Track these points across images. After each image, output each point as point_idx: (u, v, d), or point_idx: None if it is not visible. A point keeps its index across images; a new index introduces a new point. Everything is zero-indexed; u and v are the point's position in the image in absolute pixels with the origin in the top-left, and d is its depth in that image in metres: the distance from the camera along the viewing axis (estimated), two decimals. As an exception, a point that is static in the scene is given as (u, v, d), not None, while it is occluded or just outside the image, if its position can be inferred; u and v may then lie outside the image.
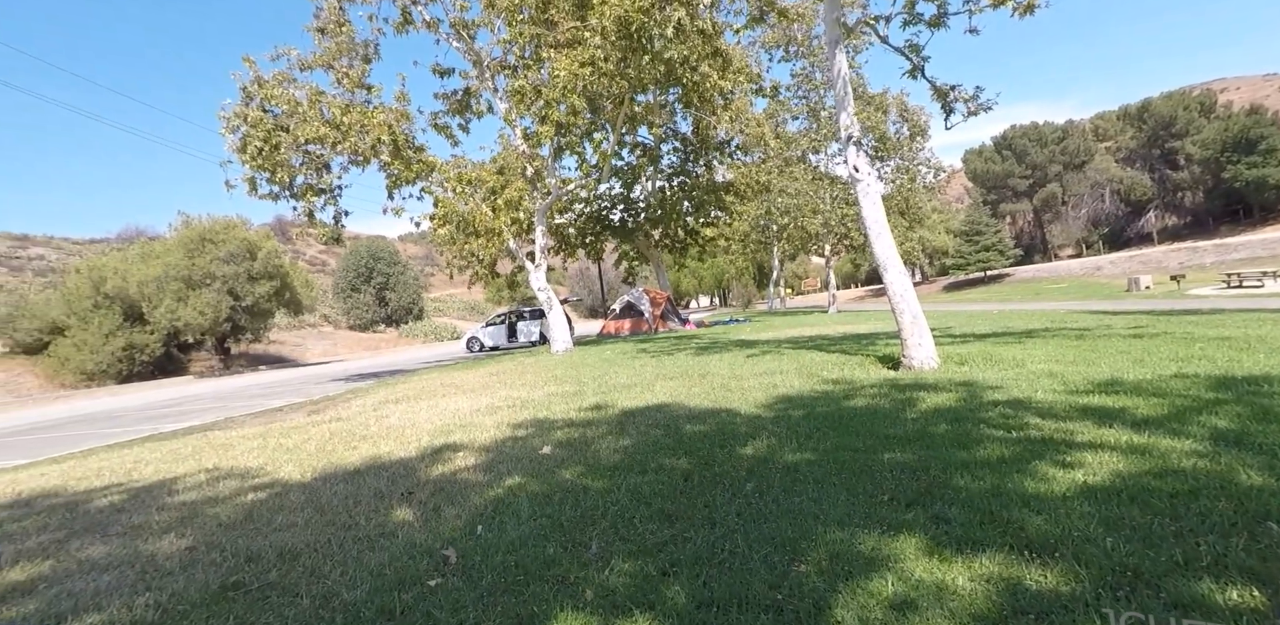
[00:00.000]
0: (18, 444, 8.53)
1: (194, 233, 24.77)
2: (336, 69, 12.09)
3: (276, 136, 11.40)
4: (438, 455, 3.84)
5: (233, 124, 11.52)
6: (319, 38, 12.32)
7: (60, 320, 22.27)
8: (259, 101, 11.62)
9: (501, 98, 13.66)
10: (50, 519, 3.28)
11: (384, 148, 11.60)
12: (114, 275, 23.13)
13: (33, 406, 17.94)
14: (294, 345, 34.23)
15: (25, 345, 22.18)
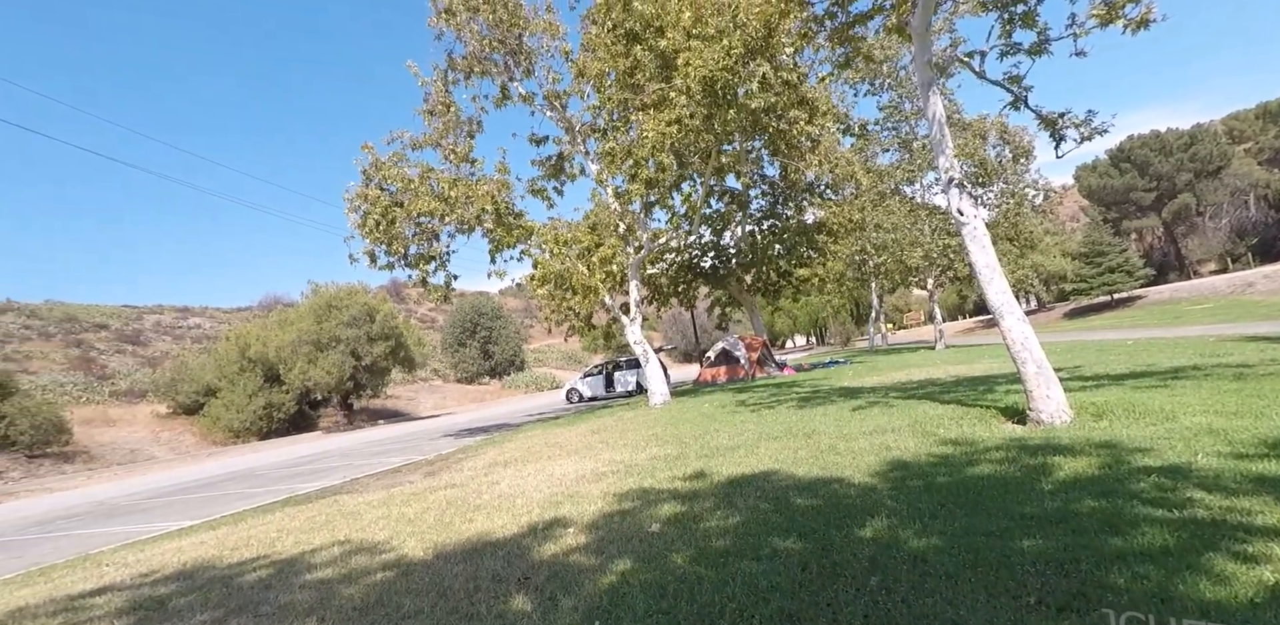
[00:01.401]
0: (180, 503, 9.44)
1: (322, 299, 27.18)
2: (444, 146, 13.16)
3: (392, 212, 12.45)
4: (549, 532, 3.90)
5: (355, 204, 12.72)
6: (428, 119, 13.51)
7: (212, 383, 24.84)
8: (377, 182, 12.79)
9: (593, 159, 14.31)
10: (210, 595, 3.58)
11: (487, 216, 12.38)
12: (256, 341, 25.69)
13: (191, 463, 19.89)
14: (408, 399, 36.23)
15: (185, 406, 24.87)
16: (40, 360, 29.29)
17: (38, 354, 30.04)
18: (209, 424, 23.92)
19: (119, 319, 38.09)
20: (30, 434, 18.65)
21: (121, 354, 33.60)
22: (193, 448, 22.92)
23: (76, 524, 8.76)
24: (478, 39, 12.97)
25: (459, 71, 13.47)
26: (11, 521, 10.14)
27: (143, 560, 4.85)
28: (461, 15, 12.63)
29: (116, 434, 22.38)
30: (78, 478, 17.99)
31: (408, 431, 21.09)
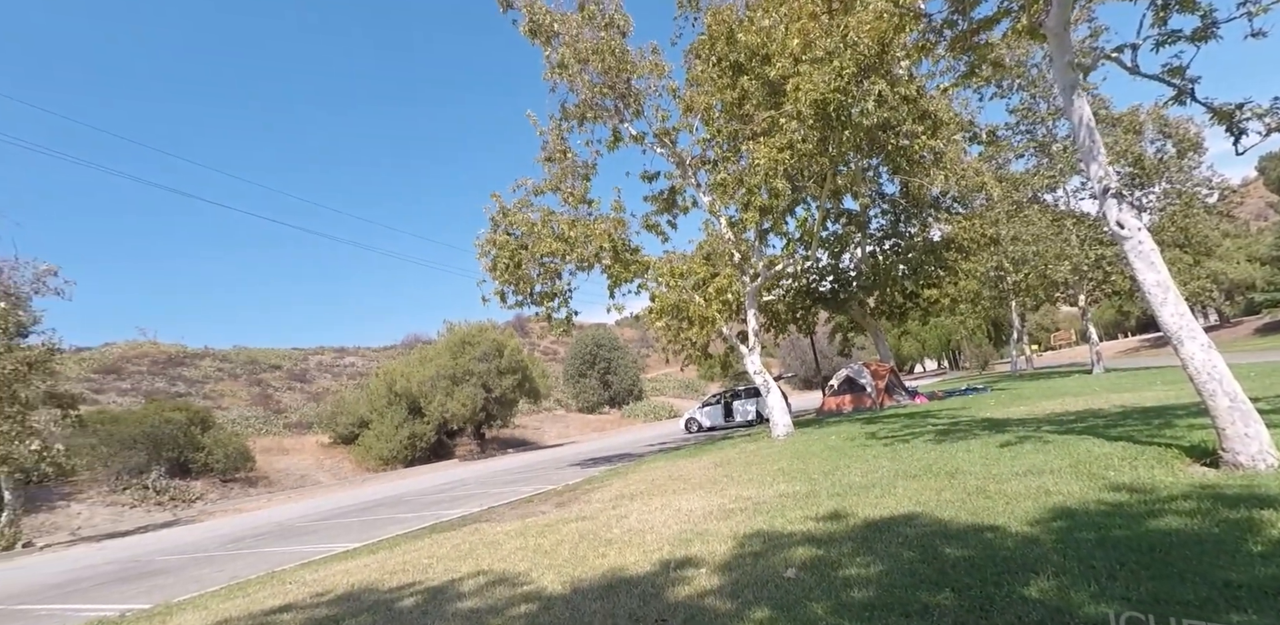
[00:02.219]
0: (343, 526, 10.37)
1: (456, 337, 29.19)
2: (563, 190, 13.89)
3: (519, 255, 13.25)
4: (681, 572, 3.90)
5: (485, 249, 13.67)
6: (547, 165, 14.35)
7: (365, 415, 27.25)
8: (504, 227, 13.69)
9: (704, 191, 14.50)
10: (375, 617, 3.90)
11: (605, 254, 12.84)
12: (400, 377, 27.97)
13: (350, 488, 21.78)
14: (534, 429, 37.67)
15: (343, 436, 27.43)
16: (230, 398, 33.56)
17: (228, 392, 34.46)
18: (363, 452, 26.18)
19: (289, 360, 42.93)
20: (224, 462, 21.34)
21: (292, 390, 37.76)
22: (350, 474, 25.12)
23: (261, 543, 9.83)
24: (589, 87, 13.69)
25: (573, 119, 14.25)
26: (212, 538, 11.56)
27: (318, 580, 5.37)
28: (573, 67, 13.40)
29: (289, 461, 25.05)
30: (260, 500, 20.25)
31: (535, 460, 21.88)
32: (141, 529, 16.04)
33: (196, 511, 18.50)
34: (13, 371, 14.57)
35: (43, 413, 16.01)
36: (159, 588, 7.02)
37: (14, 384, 14.63)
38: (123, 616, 5.35)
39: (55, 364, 16.09)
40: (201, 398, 30.52)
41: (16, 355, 14.74)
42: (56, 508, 17.96)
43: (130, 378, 33.11)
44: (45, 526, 16.74)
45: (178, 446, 20.83)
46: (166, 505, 19.26)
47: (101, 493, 19.36)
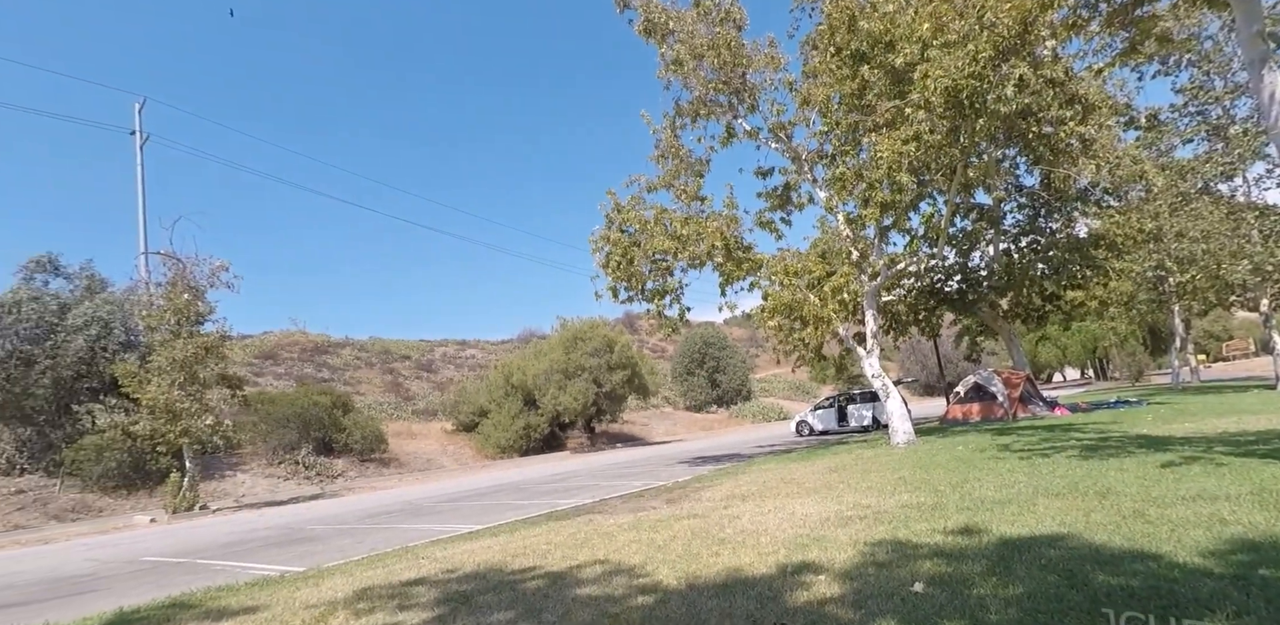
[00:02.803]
0: (465, 508, 11.03)
1: (569, 333, 30.16)
2: (676, 187, 13.97)
3: (631, 252, 13.48)
4: (798, 576, 3.82)
5: (599, 246, 14.02)
6: (661, 163, 14.47)
7: (484, 405, 28.80)
8: (618, 224, 13.98)
9: (821, 187, 14.06)
10: (501, 596, 4.11)
11: (717, 251, 12.77)
12: (516, 370, 29.30)
13: (470, 473, 23.13)
14: (642, 425, 38.17)
15: (464, 424, 29.17)
16: (366, 385, 36.61)
17: (364, 379, 37.61)
18: (482, 441, 27.70)
19: (417, 351, 46.16)
20: (361, 443, 23.35)
21: (419, 380, 40.60)
22: (470, 460, 26.67)
23: (394, 519, 10.66)
24: (703, 84, 13.64)
25: (686, 116, 14.27)
26: (352, 512, 12.69)
27: (446, 557, 5.75)
28: (688, 64, 13.40)
29: (417, 446, 27.00)
30: (391, 479, 21.97)
31: (643, 456, 22.18)
32: (293, 500, 17.87)
33: (338, 487, 20.36)
34: (193, 355, 16.69)
35: (215, 392, 18.21)
36: (310, 554, 7.79)
37: (194, 366, 16.76)
38: (282, 576, 5.98)
39: (226, 349, 18.22)
40: (342, 383, 33.49)
41: (196, 341, 16.86)
42: (225, 477, 20.40)
43: (284, 363, 36.94)
44: (216, 492, 19.05)
45: (323, 427, 23.02)
46: (314, 479, 21.34)
47: (260, 465, 21.77)
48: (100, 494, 17.69)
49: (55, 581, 7.78)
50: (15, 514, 16.12)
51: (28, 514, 16.23)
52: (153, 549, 10.06)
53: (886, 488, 7.04)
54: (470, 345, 51.27)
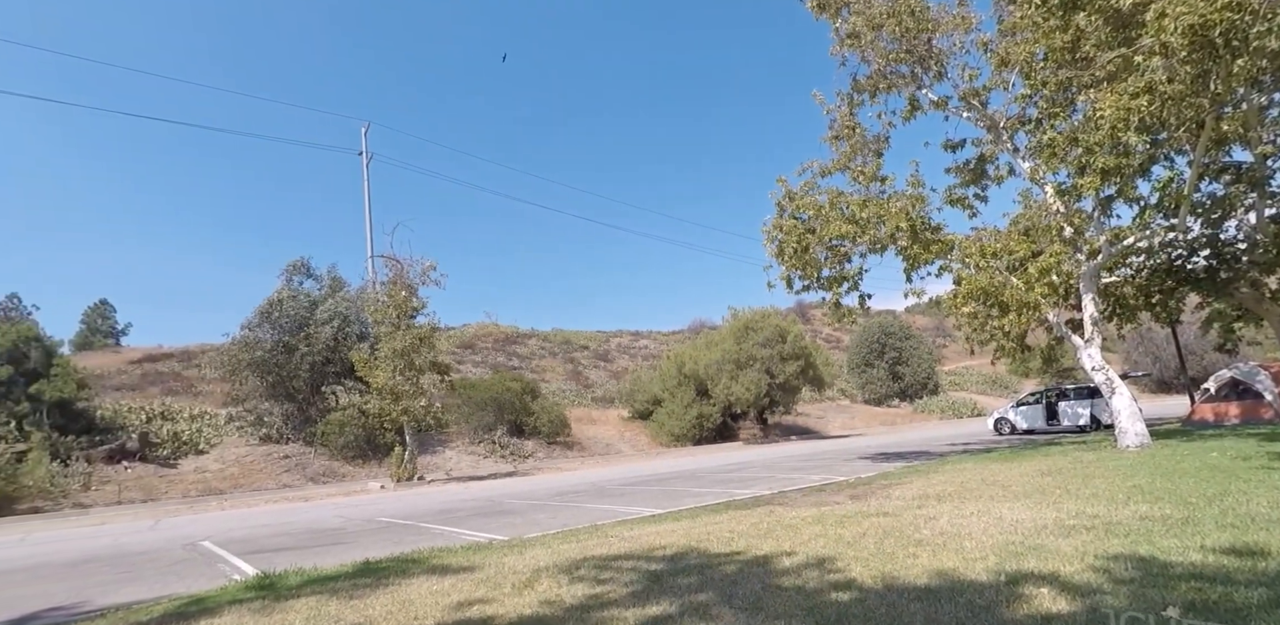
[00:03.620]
0: (645, 493, 11.45)
1: (740, 322, 29.99)
2: (852, 169, 13.24)
3: (806, 239, 13.02)
4: (1015, 587, 3.44)
5: (771, 234, 13.71)
6: (834, 144, 13.80)
7: (658, 394, 29.66)
8: (790, 212, 13.57)
9: (1023, 156, 12.55)
10: (690, 579, 4.19)
11: (902, 234, 11.91)
12: (688, 360, 29.76)
13: (646, 460, 23.99)
14: (817, 417, 36.93)
15: (639, 412, 30.30)
16: (550, 373, 39.45)
17: (548, 368, 40.54)
18: (656, 428, 28.57)
19: (595, 341, 48.74)
20: (548, 426, 25.25)
21: (597, 369, 42.86)
22: (646, 447, 27.64)
23: (580, 499, 11.37)
24: (883, 55, 12.74)
25: (864, 92, 13.44)
26: (543, 490, 13.74)
27: (634, 537, 6.00)
28: (865, 36, 12.59)
29: (596, 431, 28.56)
30: (575, 462, 23.47)
31: (819, 449, 21.45)
32: (491, 476, 19.77)
33: (529, 466, 22.17)
34: (410, 344, 19.06)
35: (427, 377, 20.65)
36: (510, 525, 8.56)
37: (411, 354, 19.13)
38: (490, 543, 6.63)
39: (435, 339, 20.58)
40: (529, 371, 36.36)
41: (412, 332, 19.24)
42: (436, 452, 23.10)
43: (480, 352, 40.93)
44: (430, 465, 21.64)
45: (515, 411, 25.18)
46: (508, 458, 23.45)
47: (464, 443, 24.35)
48: (343, 462, 20.91)
49: (316, 533, 9.33)
50: (284, 475, 19.59)
51: (292, 475, 19.65)
52: (384, 511, 11.67)
53: (1117, 496, 6.12)
54: (643, 336, 53.03)
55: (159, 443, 19.81)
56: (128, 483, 17.44)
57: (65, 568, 7.64)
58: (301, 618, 3.94)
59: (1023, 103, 12.45)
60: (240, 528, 10.63)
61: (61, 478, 16.58)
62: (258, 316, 21.67)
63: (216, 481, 18.45)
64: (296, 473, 19.79)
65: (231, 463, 19.77)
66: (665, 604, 3.62)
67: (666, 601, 3.68)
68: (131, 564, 7.55)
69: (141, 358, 33.13)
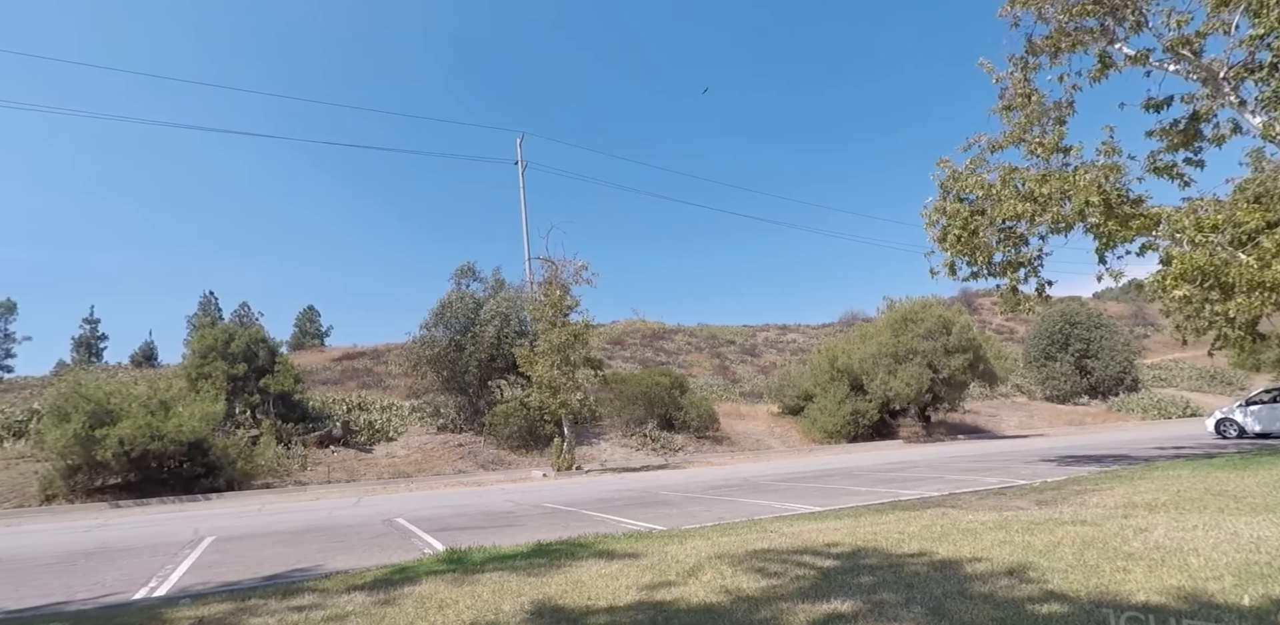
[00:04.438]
0: (799, 489, 11.15)
1: (897, 314, 28.21)
2: (1028, 141, 11.93)
3: (974, 222, 11.94)
4: (1273, 617, 2.91)
5: (933, 219, 12.73)
6: (1005, 116, 12.51)
7: (809, 389, 28.73)
8: (954, 193, 12.51)
9: (1252, 110, 10.60)
10: (860, 578, 4.01)
11: (1093, 210, 10.53)
12: (841, 354, 28.52)
13: (798, 456, 23.37)
14: (988, 416, 33.83)
15: (789, 407, 29.55)
16: (697, 368, 39.69)
17: (695, 363, 40.82)
18: (808, 424, 27.70)
19: (741, 336, 48.29)
20: (697, 421, 25.42)
21: (744, 363, 42.44)
22: (797, 443, 26.92)
23: (732, 493, 11.32)
24: (1065, 9, 11.32)
25: (1040, 54, 12.04)
26: (695, 483, 13.87)
27: (794, 533, 5.86)
28: (1043, -12, 11.26)
29: (745, 426, 28.28)
30: (724, 457, 23.43)
31: (992, 450, 19.64)
32: (644, 468, 20.27)
33: (679, 460, 22.46)
34: (565, 341, 20.06)
35: (581, 372, 21.60)
36: (666, 516, 8.72)
37: (566, 350, 20.13)
38: (649, 532, 6.80)
39: (588, 335, 21.48)
40: (677, 366, 36.81)
41: (567, 329, 20.23)
42: (592, 443, 24.13)
43: (629, 348, 42.12)
44: (586, 456, 22.63)
45: (664, 405, 25.62)
46: (659, 451, 23.92)
47: (617, 436, 25.20)
48: (509, 450, 22.49)
49: (490, 515, 10.12)
50: (458, 461, 21.46)
51: (466, 462, 21.47)
52: (548, 498, 12.39)
53: (1405, 516, 4.98)
54: (791, 329, 51.68)
55: (357, 430, 22.55)
56: (334, 464, 20.04)
57: (293, 535, 8.94)
58: (489, 590, 4.29)
59: (1250, 46, 10.47)
60: (426, 507, 11.81)
61: (285, 459, 19.41)
62: (432, 317, 23.92)
63: (404, 465, 20.65)
64: (469, 460, 21.60)
65: (415, 449, 22.02)
66: (842, 601, 3.50)
67: (842, 599, 3.55)
68: (343, 535, 8.66)
69: (341, 356, 37.90)
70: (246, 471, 17.98)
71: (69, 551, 8.44)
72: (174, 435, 16.10)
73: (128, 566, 6.98)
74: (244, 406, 21.03)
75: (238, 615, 4.04)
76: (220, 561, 6.98)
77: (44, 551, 8.62)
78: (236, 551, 7.66)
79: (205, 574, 6.28)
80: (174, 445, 16.17)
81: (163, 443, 15.92)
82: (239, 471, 17.68)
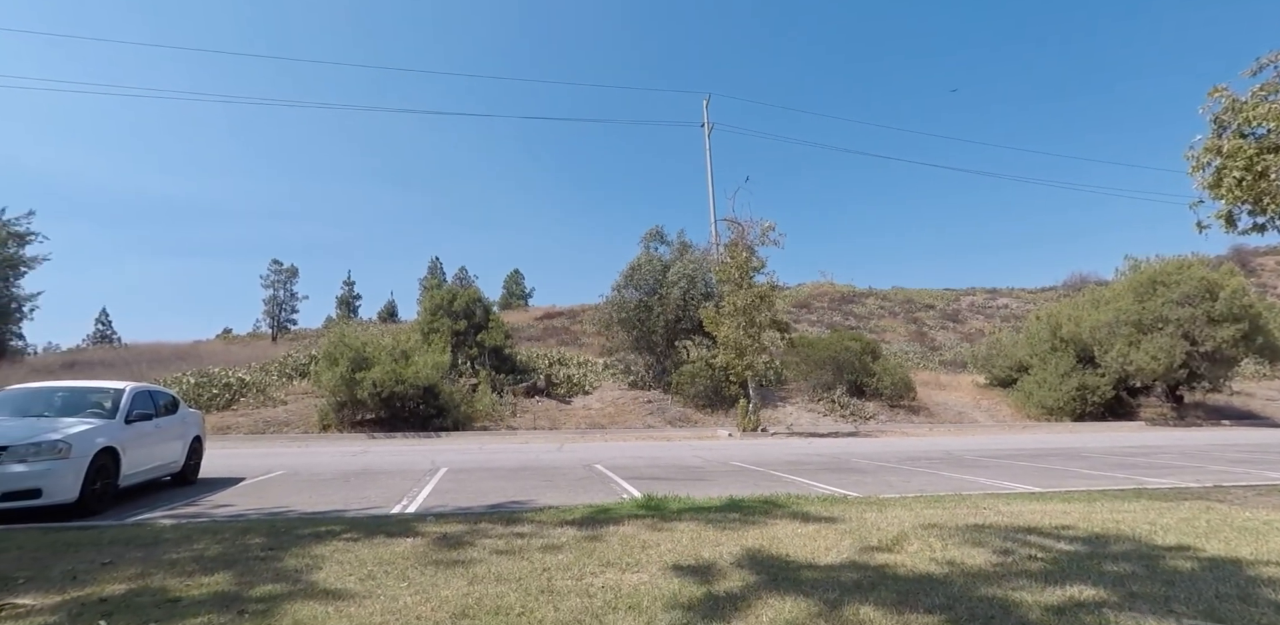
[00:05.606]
0: (1014, 468, 10.10)
1: (1142, 276, 23.92)
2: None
3: (1263, 161, 9.55)
4: None
5: (1202, 160, 10.38)
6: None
7: (1024, 360, 25.67)
8: (1234, 128, 10.06)
9: None
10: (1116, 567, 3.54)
11: None
12: (1066, 321, 24.97)
13: (1008, 432, 21.19)
14: (1265, 399, 27.83)
15: (999, 379, 26.70)
16: (890, 333, 37.30)
17: (888, 328, 38.36)
18: (1022, 398, 24.85)
19: (942, 300, 44.32)
20: (890, 389, 24.01)
21: (945, 330, 39.02)
22: (1008, 418, 24.34)
23: (932, 466, 10.58)
24: None
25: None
26: (889, 453, 13.20)
27: (1013, 512, 5.33)
28: None
29: (945, 397, 26.14)
30: (921, 428, 21.96)
31: (1273, 440, 16.16)
32: (832, 434, 19.71)
33: (870, 428, 21.47)
34: (751, 302, 19.89)
35: (767, 334, 21.34)
36: (859, 483, 8.40)
37: (752, 312, 19.96)
38: (845, 498, 6.60)
39: (774, 298, 21.09)
40: (867, 331, 34.85)
41: (753, 291, 20.02)
42: (776, 407, 23.92)
43: (815, 312, 40.69)
44: (769, 419, 22.52)
45: (855, 371, 24.51)
46: (848, 418, 23.06)
47: (803, 400, 24.70)
48: (694, 409, 23.11)
49: (680, 468, 10.52)
50: (647, 417, 22.52)
51: (654, 418, 22.47)
52: (734, 457, 12.57)
53: None
54: (1001, 293, 46.35)
55: (558, 383, 24.58)
56: (538, 413, 22.11)
57: (508, 472, 10.05)
58: (687, 537, 4.46)
59: None
60: (620, 457, 12.60)
61: (498, 406, 21.82)
62: (622, 279, 25.02)
63: (598, 417, 22.18)
64: (657, 416, 22.60)
65: (609, 403, 23.52)
66: (1082, 588, 3.12)
67: (1083, 585, 3.16)
68: (550, 475, 9.56)
69: (542, 315, 41.30)
70: (468, 415, 20.50)
71: (342, 471, 10.31)
72: (412, 380, 18.81)
73: (384, 486, 8.36)
74: (464, 358, 23.86)
75: (472, 535, 4.63)
76: (452, 489, 8.08)
77: (325, 469, 10.62)
78: (465, 481, 8.80)
79: (443, 498, 7.31)
80: (412, 389, 18.92)
81: (404, 386, 18.69)
82: (462, 414, 20.24)
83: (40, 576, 3.59)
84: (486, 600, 3.02)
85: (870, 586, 3.19)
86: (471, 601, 3.01)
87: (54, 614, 2.91)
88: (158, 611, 2.93)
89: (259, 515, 6.13)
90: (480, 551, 4.09)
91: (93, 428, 6.63)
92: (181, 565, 3.80)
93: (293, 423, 19.62)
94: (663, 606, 2.89)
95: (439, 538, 4.52)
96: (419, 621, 2.75)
